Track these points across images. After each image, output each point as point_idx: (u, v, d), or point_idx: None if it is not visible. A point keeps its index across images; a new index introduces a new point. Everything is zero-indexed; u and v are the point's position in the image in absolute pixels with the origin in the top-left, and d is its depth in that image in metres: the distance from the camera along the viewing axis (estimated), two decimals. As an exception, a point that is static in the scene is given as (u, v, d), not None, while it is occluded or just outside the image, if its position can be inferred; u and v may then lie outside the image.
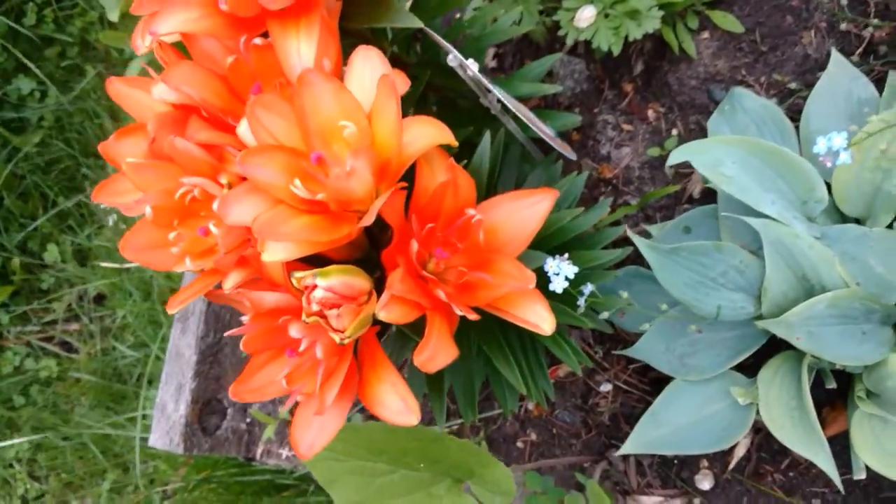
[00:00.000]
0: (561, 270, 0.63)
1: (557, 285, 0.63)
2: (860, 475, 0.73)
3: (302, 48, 0.64)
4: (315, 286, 0.55)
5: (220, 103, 0.67)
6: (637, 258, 0.90)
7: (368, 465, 0.82)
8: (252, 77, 0.68)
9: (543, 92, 0.86)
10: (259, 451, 1.20)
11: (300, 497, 1.25)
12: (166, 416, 1.17)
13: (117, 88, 0.74)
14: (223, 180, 0.61)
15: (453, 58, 0.69)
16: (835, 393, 0.80)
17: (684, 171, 0.98)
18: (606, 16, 0.91)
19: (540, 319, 0.61)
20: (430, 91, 0.84)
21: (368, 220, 0.55)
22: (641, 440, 0.81)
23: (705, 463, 0.92)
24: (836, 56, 0.84)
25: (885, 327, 0.71)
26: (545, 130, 0.73)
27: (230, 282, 0.65)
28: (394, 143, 0.57)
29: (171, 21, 0.65)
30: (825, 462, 0.71)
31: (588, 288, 0.67)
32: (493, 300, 0.61)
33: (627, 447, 0.82)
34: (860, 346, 0.69)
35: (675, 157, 0.73)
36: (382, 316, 0.57)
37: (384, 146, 0.58)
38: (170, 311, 0.66)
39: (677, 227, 0.82)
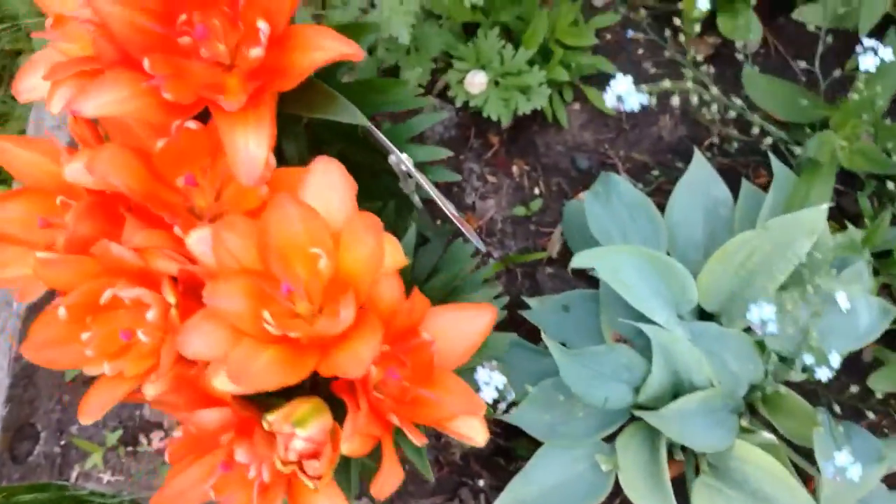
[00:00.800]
0: (492, 380, 0.67)
1: (487, 395, 0.67)
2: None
3: (251, 145, 0.60)
4: (293, 435, 0.53)
5: (142, 188, 0.61)
6: (510, 323, 0.95)
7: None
8: (178, 158, 0.63)
9: (438, 156, 0.87)
10: (74, 473, 1.12)
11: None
12: (-31, 446, 1.05)
13: (3, 147, 0.64)
14: (169, 298, 0.57)
15: (395, 158, 0.68)
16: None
17: (545, 231, 1.04)
18: (497, 83, 0.93)
19: (476, 433, 0.64)
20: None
21: (349, 362, 0.54)
22: (512, 497, 0.88)
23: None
24: (698, 156, 0.93)
25: (734, 415, 0.83)
26: (456, 215, 0.75)
27: (152, 390, 0.60)
28: (367, 279, 0.57)
29: (97, 101, 0.58)
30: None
31: (500, 380, 0.71)
32: (437, 419, 0.63)
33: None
34: (717, 434, 0.80)
35: (578, 262, 0.79)
36: (345, 450, 0.57)
37: (353, 275, 0.57)
38: (84, 422, 0.60)
39: (557, 305, 0.88)
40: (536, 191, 1.05)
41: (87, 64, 0.61)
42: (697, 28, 1.00)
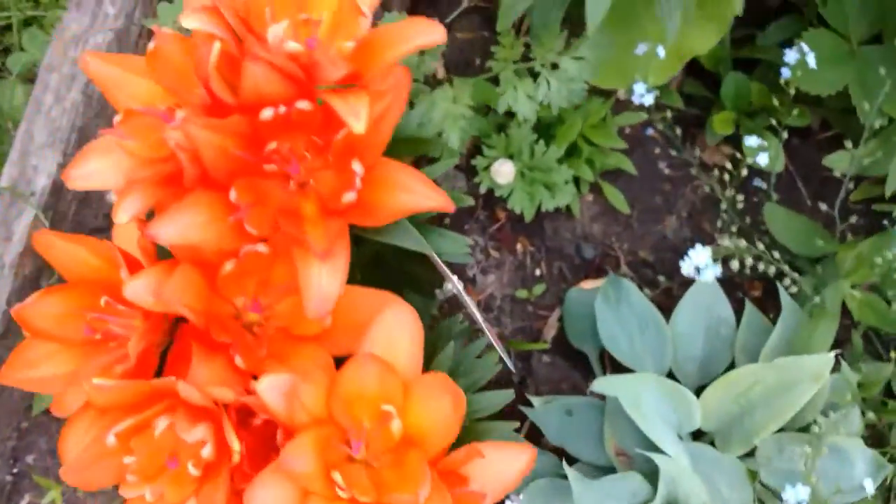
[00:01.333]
0: (518, 515, 0.68)
1: (512, 532, 0.68)
2: None
3: (325, 280, 0.58)
4: None
5: (203, 309, 0.59)
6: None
7: None
8: (238, 276, 0.61)
9: (461, 249, 0.86)
10: (24, 502, 1.08)
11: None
12: (-82, 474, 0.99)
13: (49, 242, 0.60)
14: (234, 445, 0.55)
15: (453, 286, 0.68)
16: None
17: (542, 314, 1.05)
18: (523, 175, 0.93)
19: None
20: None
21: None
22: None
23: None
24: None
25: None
26: (494, 337, 0.76)
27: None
28: (439, 442, 0.56)
29: (176, 227, 0.55)
30: None
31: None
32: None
33: None
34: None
35: (599, 387, 0.81)
36: None
37: (424, 434, 0.57)
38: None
39: (561, 408, 0.89)
40: (538, 272, 1.06)
41: (157, 169, 0.58)
42: (718, 139, 1.03)
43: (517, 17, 0.75)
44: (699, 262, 0.72)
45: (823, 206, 0.95)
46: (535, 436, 0.94)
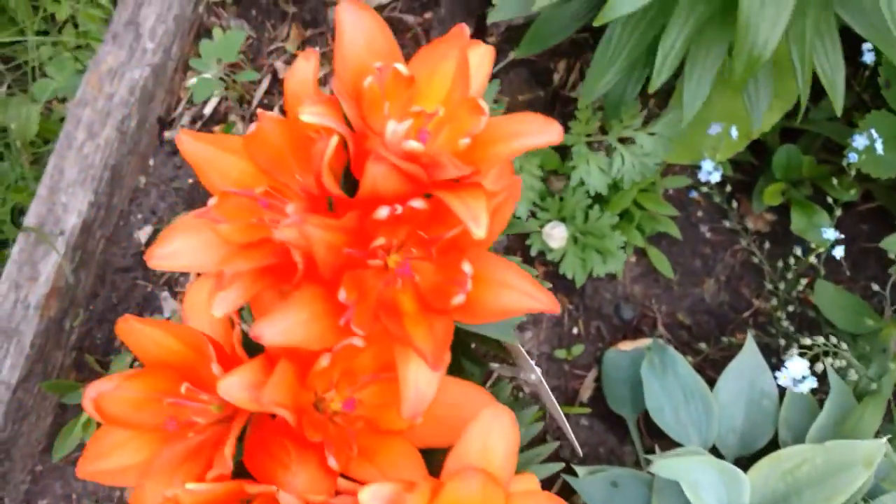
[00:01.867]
0: None
1: None
2: None
3: (421, 379, 0.56)
4: None
5: (294, 404, 0.57)
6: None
7: None
8: (327, 371, 0.58)
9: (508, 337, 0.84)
10: (34, 551, 1.04)
11: None
12: (-70, 523, 0.94)
13: (130, 327, 0.58)
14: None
15: (536, 378, 0.66)
16: None
17: (578, 373, 1.04)
18: (576, 240, 0.92)
19: None
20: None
21: None
22: None
23: None
24: (750, 344, 0.96)
25: None
26: (564, 421, 0.75)
27: None
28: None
29: (281, 326, 0.53)
30: None
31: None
32: None
33: None
34: None
35: (658, 470, 0.80)
36: None
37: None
38: None
39: (606, 479, 0.88)
40: (575, 331, 1.05)
41: (257, 263, 0.55)
42: (763, 207, 1.03)
43: (599, 95, 0.73)
44: (796, 373, 0.72)
45: (874, 286, 0.96)
46: (566, 494, 0.94)
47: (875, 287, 0.95)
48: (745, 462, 0.89)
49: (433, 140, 0.56)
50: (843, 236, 0.85)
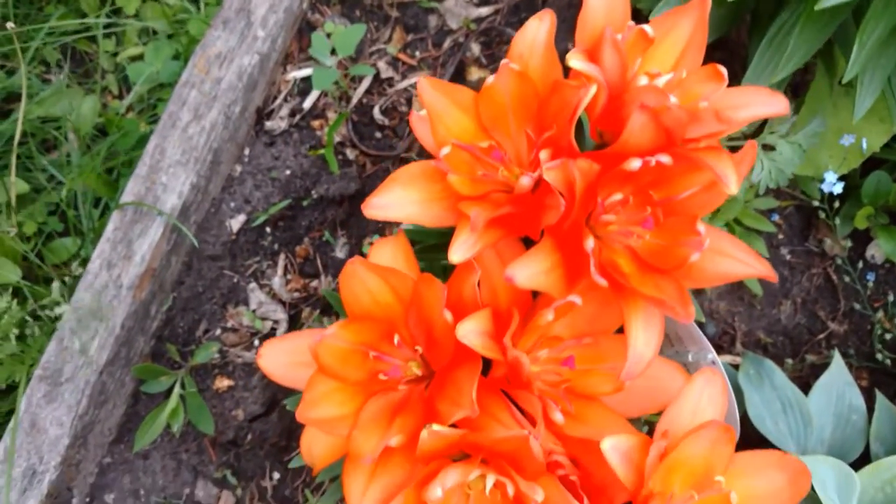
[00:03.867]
0: None
1: None
2: None
3: (640, 340, 0.57)
4: None
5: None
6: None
7: None
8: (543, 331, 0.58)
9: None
10: (90, 549, 0.98)
11: None
12: (1, 509, 0.88)
13: (355, 271, 0.57)
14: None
15: (712, 357, 0.67)
16: None
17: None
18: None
19: None
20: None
21: None
22: None
23: None
24: (837, 359, 0.98)
25: None
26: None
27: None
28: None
29: (530, 270, 0.53)
30: None
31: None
32: None
33: None
34: None
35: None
36: None
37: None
38: None
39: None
40: (658, 344, 1.06)
41: (496, 213, 0.55)
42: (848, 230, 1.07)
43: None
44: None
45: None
46: None
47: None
48: (835, 476, 0.91)
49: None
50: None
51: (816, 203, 1.00)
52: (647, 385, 0.61)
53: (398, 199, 0.58)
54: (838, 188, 0.86)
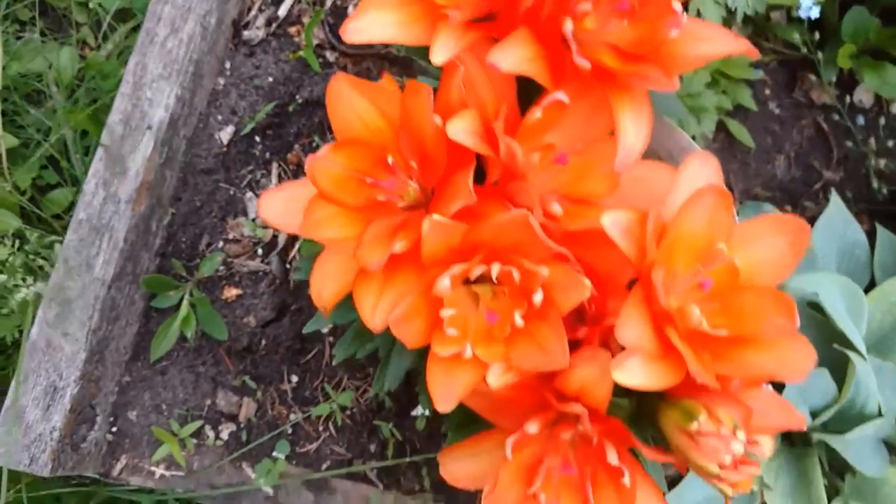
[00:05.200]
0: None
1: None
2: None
3: (630, 132, 0.57)
4: (734, 437, 0.51)
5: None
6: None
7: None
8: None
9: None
10: (119, 466, 0.99)
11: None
12: (27, 428, 0.89)
13: (339, 89, 0.57)
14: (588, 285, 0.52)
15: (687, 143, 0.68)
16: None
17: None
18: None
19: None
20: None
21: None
22: (664, 515, 0.88)
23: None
24: (835, 199, 0.99)
25: (885, 444, 0.88)
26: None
27: (496, 379, 0.56)
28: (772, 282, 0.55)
29: (512, 57, 0.54)
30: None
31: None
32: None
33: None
34: (879, 459, 0.85)
35: (797, 283, 0.82)
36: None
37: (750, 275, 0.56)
38: (441, 410, 0.54)
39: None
40: (657, 211, 1.06)
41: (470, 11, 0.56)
42: (832, 78, 1.07)
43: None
44: None
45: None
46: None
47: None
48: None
49: None
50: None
51: (800, 52, 1.01)
52: (641, 188, 0.62)
53: (373, 21, 0.59)
54: (815, 12, 0.86)
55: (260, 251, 1.03)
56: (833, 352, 0.86)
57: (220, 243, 1.02)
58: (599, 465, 0.58)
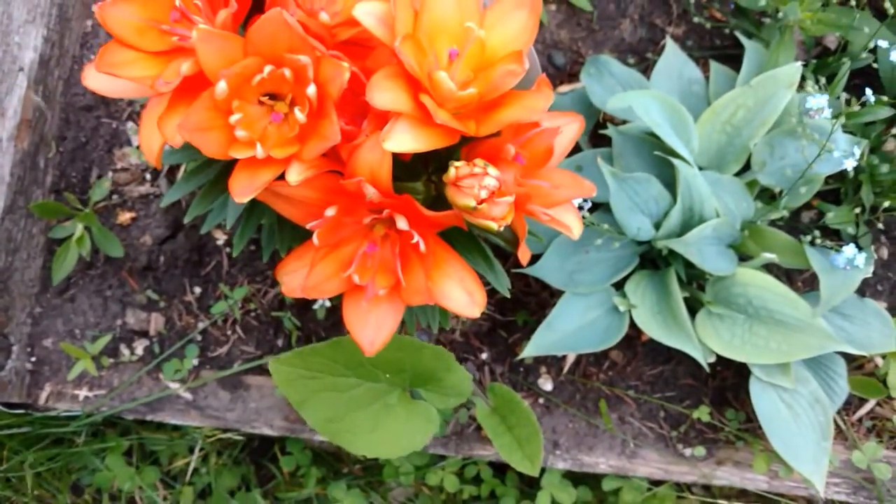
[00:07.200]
0: (577, 186, 0.74)
1: (575, 198, 0.74)
2: (711, 359, 0.96)
3: None
4: (485, 173, 0.58)
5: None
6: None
7: (340, 380, 0.82)
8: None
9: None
10: (44, 395, 1.05)
11: (89, 445, 1.11)
12: (-60, 356, 0.96)
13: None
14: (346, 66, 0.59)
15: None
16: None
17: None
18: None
19: (573, 224, 0.71)
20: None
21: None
22: (539, 344, 0.95)
23: (544, 369, 1.09)
24: (670, 43, 1.06)
25: (731, 248, 0.95)
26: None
27: (295, 175, 0.62)
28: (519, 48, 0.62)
29: None
30: (693, 349, 0.92)
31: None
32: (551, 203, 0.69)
33: (527, 351, 0.95)
34: (725, 259, 0.92)
35: (614, 104, 0.89)
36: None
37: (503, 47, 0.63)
38: (239, 201, 0.60)
39: (571, 165, 0.97)
40: (516, 87, 1.13)
41: None
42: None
43: None
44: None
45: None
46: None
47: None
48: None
49: None
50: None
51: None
52: None
53: None
54: None
55: (148, 176, 1.10)
56: (669, 169, 0.93)
57: (110, 174, 1.09)
58: (408, 249, 0.64)
